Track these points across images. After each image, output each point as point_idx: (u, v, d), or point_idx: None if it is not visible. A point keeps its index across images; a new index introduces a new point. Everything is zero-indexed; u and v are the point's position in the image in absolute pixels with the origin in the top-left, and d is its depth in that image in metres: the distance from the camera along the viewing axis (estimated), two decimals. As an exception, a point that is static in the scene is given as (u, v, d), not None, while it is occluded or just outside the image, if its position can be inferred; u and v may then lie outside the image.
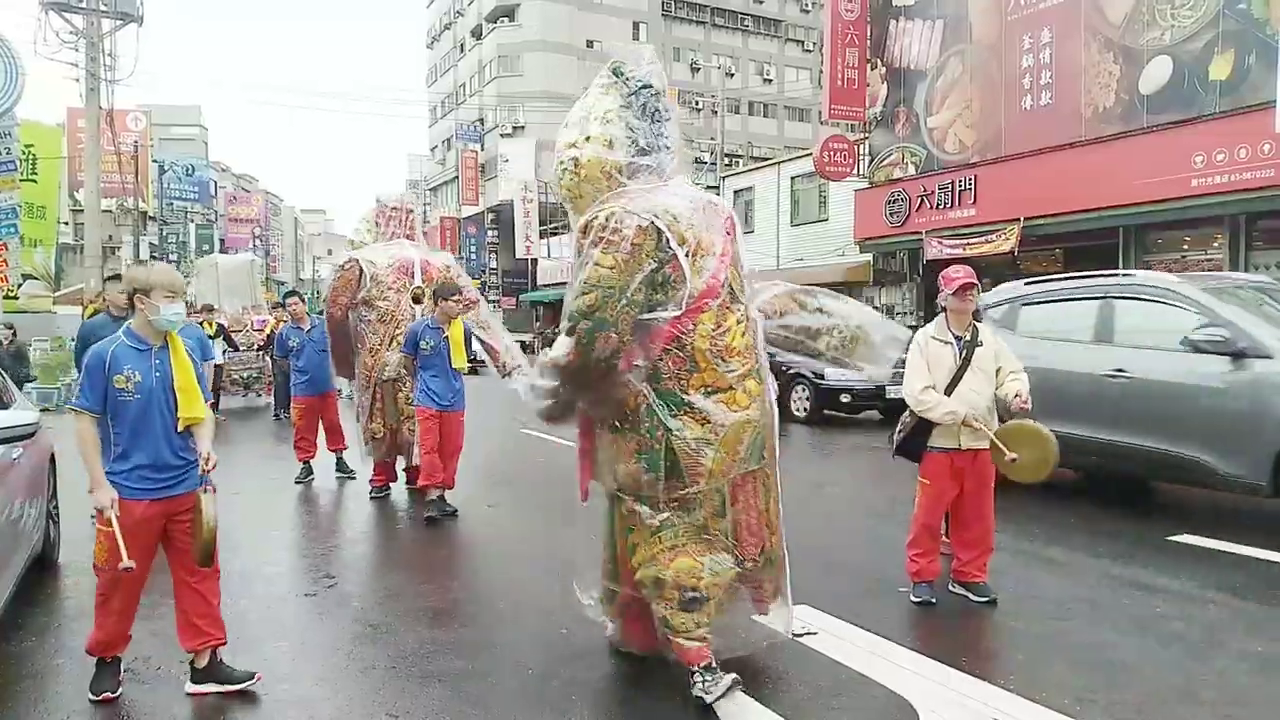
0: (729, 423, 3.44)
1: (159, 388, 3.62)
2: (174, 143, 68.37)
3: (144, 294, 3.63)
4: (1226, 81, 14.66)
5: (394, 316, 7.67)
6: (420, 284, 7.50)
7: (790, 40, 57.27)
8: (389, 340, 7.60)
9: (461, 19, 57.55)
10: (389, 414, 7.65)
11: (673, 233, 3.39)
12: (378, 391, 7.66)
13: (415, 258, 7.64)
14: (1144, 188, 15.59)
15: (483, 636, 4.33)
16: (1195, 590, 4.96)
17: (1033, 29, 17.97)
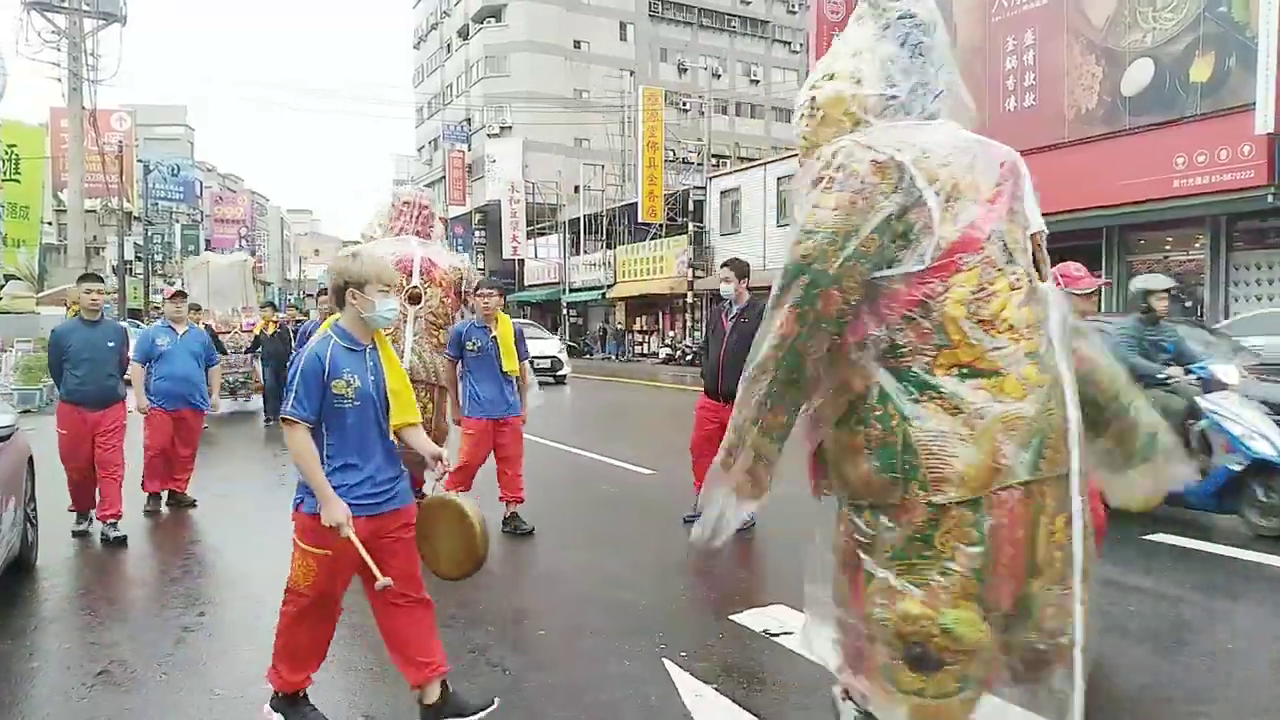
0: (990, 415, 2.49)
1: (375, 392, 3.28)
2: (159, 142, 68.08)
3: (356, 288, 3.26)
4: (1207, 84, 14.81)
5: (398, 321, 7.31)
6: (418, 283, 6.87)
7: (777, 41, 57.40)
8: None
9: (448, 19, 57.49)
10: None
11: (920, 170, 2.59)
12: None
13: (416, 255, 7.02)
14: (1126, 189, 15.73)
15: (460, 640, 4.33)
16: (1168, 589, 5.01)
17: (1016, 31, 18.10)
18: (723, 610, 4.61)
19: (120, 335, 6.57)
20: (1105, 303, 18.17)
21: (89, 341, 6.24)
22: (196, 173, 63.73)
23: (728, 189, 31.62)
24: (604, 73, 48.28)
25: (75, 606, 4.91)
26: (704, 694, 3.62)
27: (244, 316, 16.18)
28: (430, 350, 6.74)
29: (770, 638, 4.22)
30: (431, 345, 6.76)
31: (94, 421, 6.23)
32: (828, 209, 2.58)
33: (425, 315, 6.78)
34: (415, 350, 6.65)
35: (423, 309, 6.80)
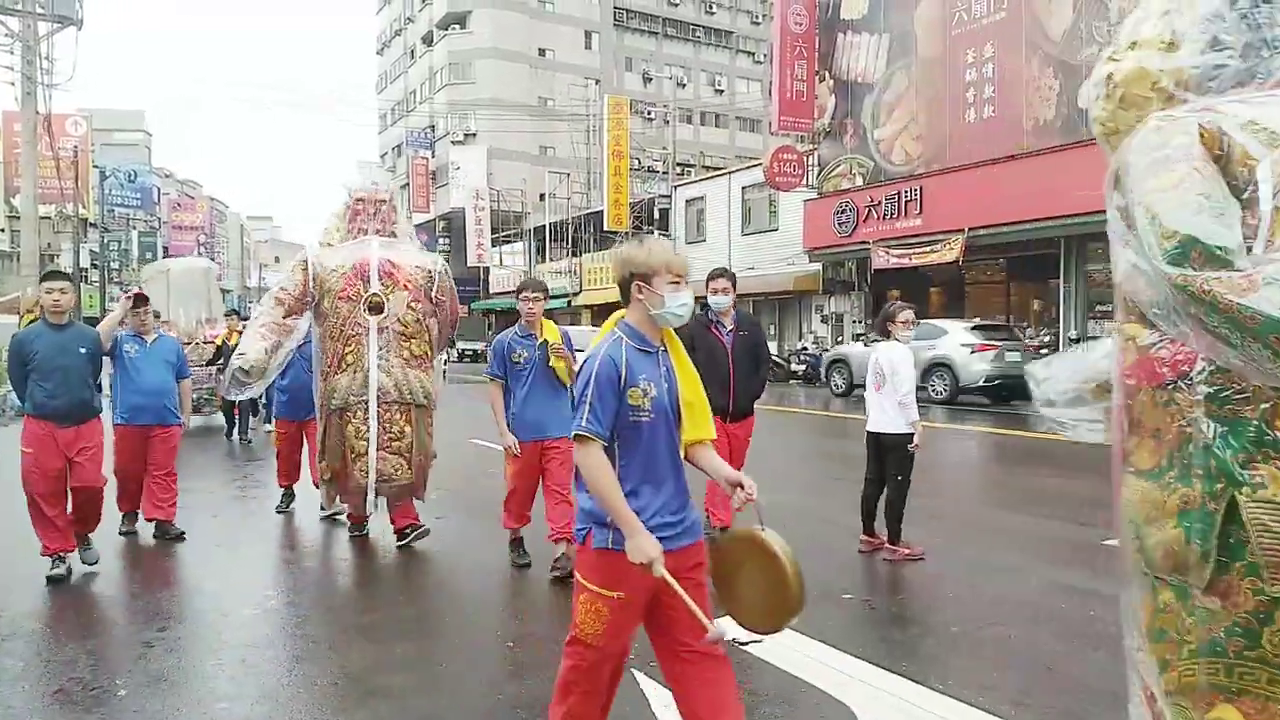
0: None
1: (669, 403, 2.79)
2: (116, 148, 66.94)
3: (643, 280, 2.76)
4: (1161, 97, 15.08)
5: (343, 332, 6.06)
6: (378, 290, 6.05)
7: (741, 51, 57.81)
8: (338, 361, 6.05)
9: (412, 25, 57.21)
10: (332, 453, 6.13)
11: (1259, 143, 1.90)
12: (327, 424, 6.15)
13: (373, 257, 6.13)
14: (1083, 199, 15.93)
15: (427, 652, 4.29)
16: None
17: (976, 44, 18.38)
18: (691, 620, 4.61)
19: (93, 340, 5.79)
20: (1062, 311, 18.49)
21: (58, 347, 5.50)
22: (154, 179, 62.83)
23: (693, 198, 31.75)
24: (569, 81, 48.30)
25: (31, 623, 4.79)
26: (673, 704, 3.60)
27: (207, 327, 15.04)
28: (401, 365, 6.09)
29: (740, 647, 4.22)
30: (403, 359, 6.10)
31: (66, 440, 5.48)
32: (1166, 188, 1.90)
33: (391, 325, 6.07)
34: (383, 366, 6.01)
35: (387, 318, 6.06)
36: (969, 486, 9.17)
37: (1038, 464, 10.38)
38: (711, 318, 6.19)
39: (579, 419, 2.66)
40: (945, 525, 6.88)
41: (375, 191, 6.74)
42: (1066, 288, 18.40)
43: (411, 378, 6.09)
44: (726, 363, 6.03)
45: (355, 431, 6.02)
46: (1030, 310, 20.35)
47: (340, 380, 6.03)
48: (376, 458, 6.01)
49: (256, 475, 9.73)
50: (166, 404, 6.64)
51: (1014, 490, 8.67)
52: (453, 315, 6.71)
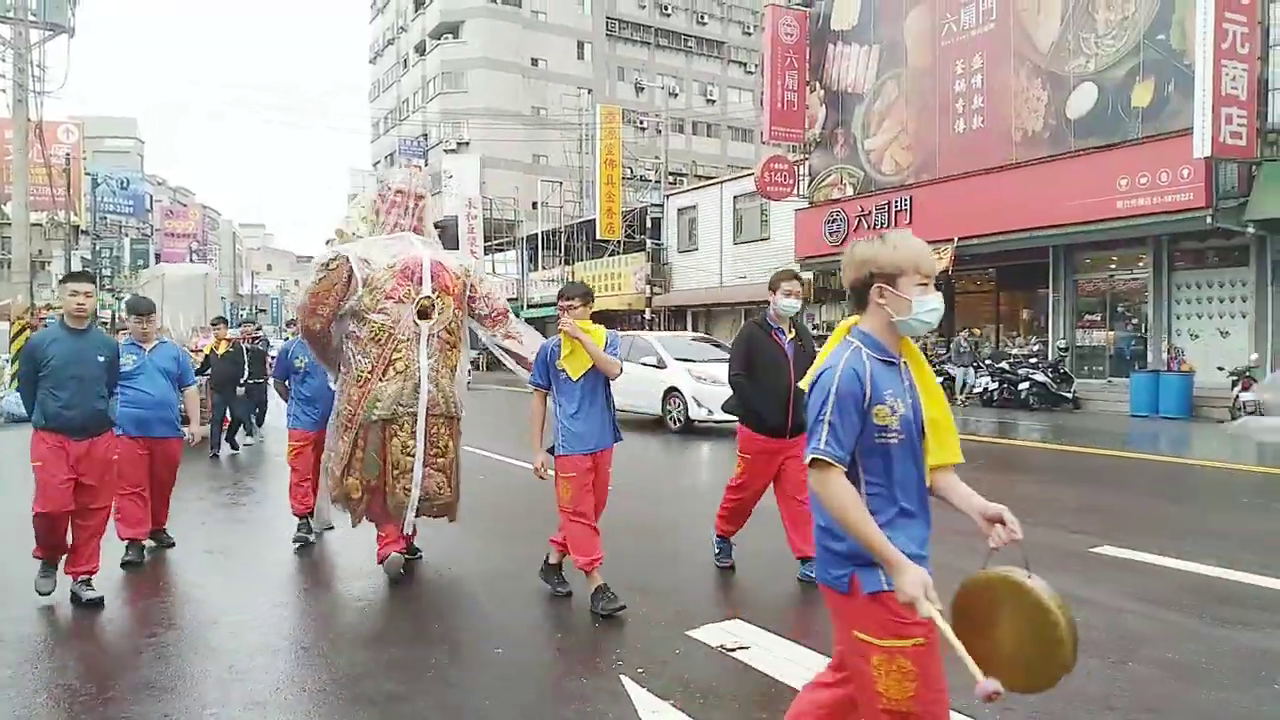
0: None
1: (914, 420, 2.44)
2: (108, 155, 66.87)
3: (886, 281, 2.40)
4: (1148, 108, 15.26)
5: (392, 336, 5.54)
6: (430, 294, 5.57)
7: (733, 62, 58.02)
8: (385, 367, 5.52)
9: (405, 35, 57.29)
10: (369, 468, 5.54)
11: None
12: (361, 436, 5.53)
13: (424, 258, 5.62)
14: (1072, 209, 16.12)
15: (415, 658, 4.30)
16: (1115, 600, 5.13)
17: (965, 55, 18.50)
18: (680, 626, 4.64)
19: (111, 349, 5.43)
20: (1051, 320, 18.59)
21: (76, 354, 5.08)
22: (147, 186, 62.68)
23: (685, 207, 31.81)
24: (562, 90, 48.42)
25: (20, 629, 4.78)
26: (661, 710, 3.63)
27: (200, 336, 14.19)
28: (448, 376, 5.70)
29: (727, 653, 4.25)
30: (448, 369, 5.71)
31: (78, 453, 5.07)
32: None
33: (439, 333, 5.63)
34: (431, 376, 5.57)
35: (436, 324, 5.59)
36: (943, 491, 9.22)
37: (1019, 472, 10.43)
38: (773, 324, 5.46)
39: (816, 441, 2.31)
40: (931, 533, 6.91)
41: (414, 185, 6.02)
42: (1055, 297, 18.51)
43: (453, 390, 5.72)
44: (788, 374, 5.31)
45: (401, 446, 5.52)
46: (1020, 319, 20.45)
47: (387, 388, 5.48)
48: (422, 475, 5.61)
49: (246, 482, 9.72)
50: (167, 416, 6.30)
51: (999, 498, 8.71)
52: (497, 313, 6.13)
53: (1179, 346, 16.30)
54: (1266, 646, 4.21)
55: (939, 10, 18.98)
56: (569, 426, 4.99)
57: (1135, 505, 8.26)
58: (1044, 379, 17.24)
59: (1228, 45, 13.46)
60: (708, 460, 11.50)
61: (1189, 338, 16.48)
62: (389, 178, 5.98)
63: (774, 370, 5.36)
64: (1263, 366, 14.55)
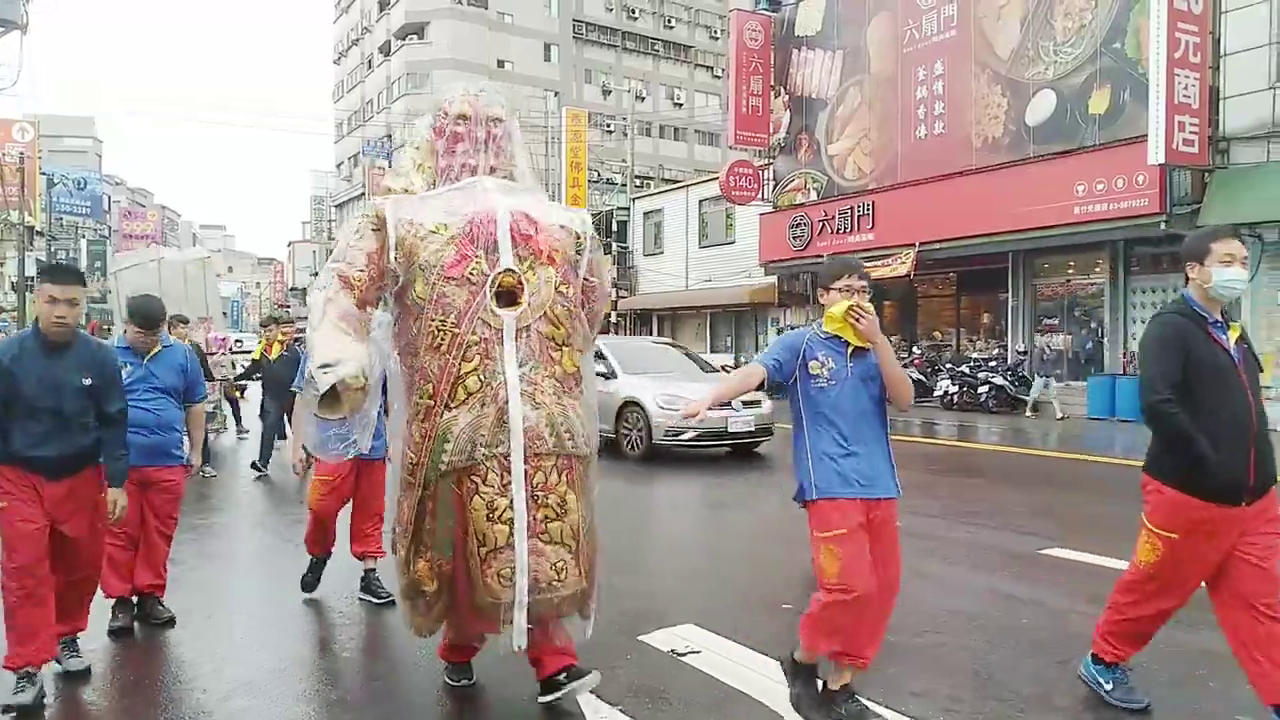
0: None
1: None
2: (65, 154, 65.74)
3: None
4: (1104, 115, 15.50)
5: (455, 338, 3.47)
6: (513, 265, 3.54)
7: (700, 66, 58.23)
8: (450, 388, 3.46)
9: (369, 35, 56.92)
10: (440, 544, 3.49)
11: None
12: (429, 496, 3.50)
13: (499, 210, 3.60)
14: (1030, 214, 16.33)
15: (361, 667, 4.26)
16: (1060, 602, 5.20)
17: (926, 62, 18.70)
18: (632, 630, 4.63)
19: (101, 365, 4.05)
20: (1010, 324, 18.82)
21: (50, 380, 3.87)
22: (104, 186, 61.69)
23: (651, 210, 31.85)
24: (528, 93, 48.31)
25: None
26: (609, 716, 3.62)
27: (204, 330, 12.53)
28: (555, 390, 3.55)
29: (678, 658, 4.25)
30: (555, 380, 3.56)
31: (56, 497, 3.89)
32: None
33: (535, 325, 3.54)
34: (528, 393, 3.45)
35: (529, 312, 3.53)
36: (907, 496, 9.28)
37: (971, 475, 10.55)
38: (1206, 315, 3.45)
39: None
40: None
41: (484, 105, 3.95)
42: (1015, 302, 18.75)
43: (570, 411, 3.57)
44: (1244, 396, 3.82)
45: (488, 508, 3.38)
46: (980, 323, 20.69)
47: (457, 420, 3.41)
48: (527, 550, 3.38)
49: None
50: (167, 442, 4.92)
51: (953, 501, 8.78)
52: (598, 303, 4.02)
53: (1134, 351, 16.57)
54: (1207, 647, 4.27)
55: (901, 17, 19.17)
56: (827, 455, 3.46)
57: (1086, 507, 8.37)
58: (1003, 382, 17.47)
59: (1180, 55, 13.71)
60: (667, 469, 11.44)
61: (1144, 342, 16.76)
62: (446, 103, 3.98)
63: (1223, 389, 3.38)
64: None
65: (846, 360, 3.49)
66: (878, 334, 3.46)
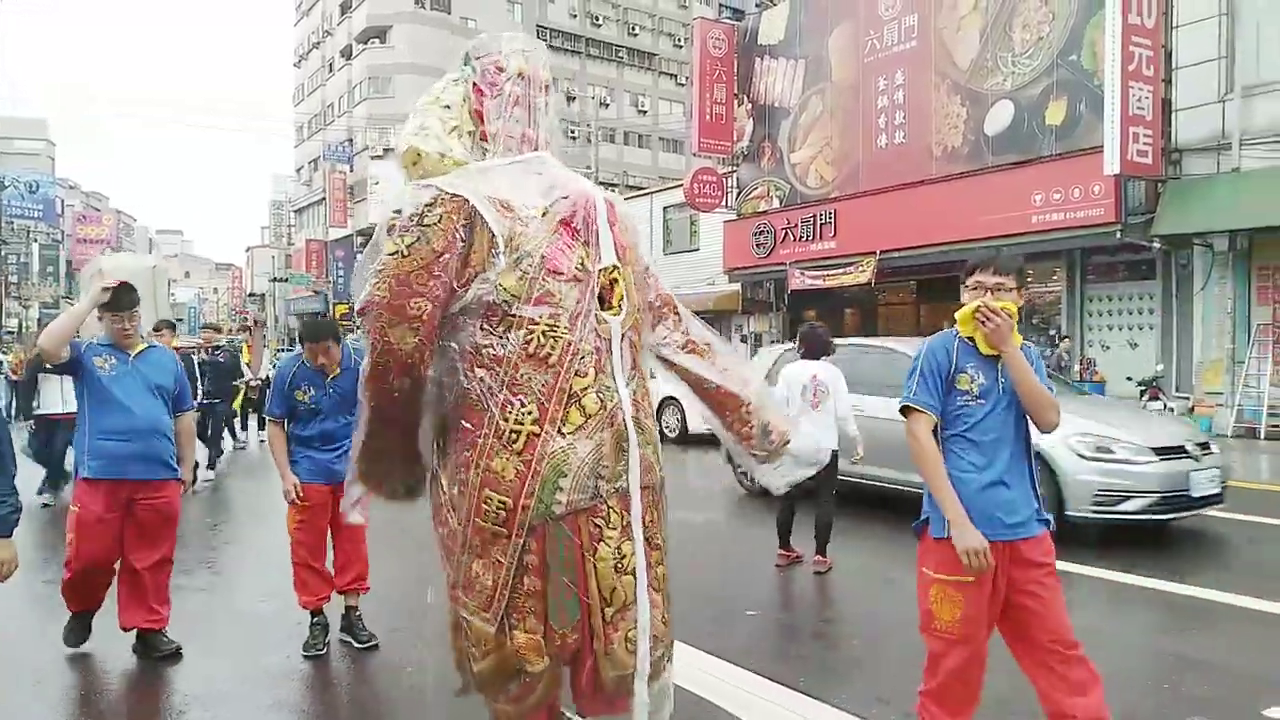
0: None
1: None
2: (16, 157, 64.36)
3: None
4: (1061, 126, 15.76)
5: (570, 347, 2.67)
6: (615, 261, 2.87)
7: (664, 74, 58.42)
8: (563, 407, 2.64)
9: (330, 39, 56.41)
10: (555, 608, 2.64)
11: None
12: (533, 549, 2.61)
13: (596, 196, 2.93)
14: (989, 223, 16.54)
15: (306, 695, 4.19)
16: (1022, 606, 5.25)
17: (887, 71, 18.89)
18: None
19: None
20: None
21: None
22: (58, 190, 60.52)
23: (614, 217, 31.88)
24: (491, 98, 48.16)
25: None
26: (574, 725, 3.58)
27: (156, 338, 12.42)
28: (650, 415, 2.93)
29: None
30: (648, 401, 2.92)
31: None
32: None
33: (629, 333, 2.86)
34: (637, 420, 2.78)
35: (627, 318, 2.86)
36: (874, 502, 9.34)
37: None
38: None
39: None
40: (852, 540, 7.00)
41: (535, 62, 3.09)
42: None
43: (656, 435, 2.97)
44: None
45: (616, 555, 2.68)
46: (940, 330, 20.91)
47: (574, 450, 2.62)
48: (649, 602, 2.76)
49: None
50: (159, 449, 4.44)
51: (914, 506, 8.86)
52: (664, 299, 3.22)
53: (1091, 357, 16.84)
54: (1176, 650, 4.34)
55: (862, 27, 19.36)
56: (972, 490, 2.99)
57: (1047, 512, 8.46)
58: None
59: (1134, 67, 13.99)
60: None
61: (1100, 349, 17.04)
62: (489, 49, 3.10)
63: None
64: (1168, 376, 15.12)
65: (999, 374, 3.02)
66: (1007, 341, 2.96)
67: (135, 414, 4.31)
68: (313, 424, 4.63)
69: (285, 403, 4.67)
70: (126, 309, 4.41)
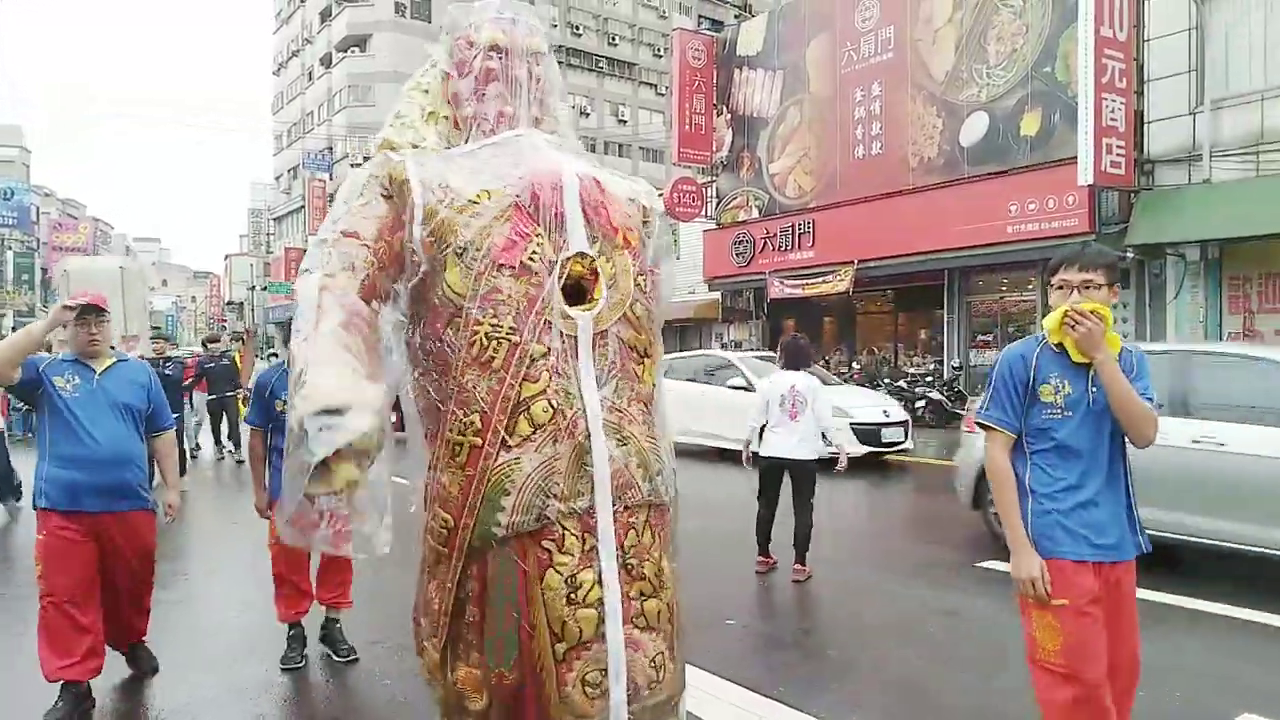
0: None
1: None
2: (-10, 164, 63.71)
3: None
4: (1036, 137, 15.95)
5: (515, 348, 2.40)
6: (586, 248, 2.52)
7: (644, 84, 58.60)
8: (509, 416, 2.38)
9: (310, 46, 56.24)
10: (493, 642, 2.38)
11: None
12: (474, 575, 2.41)
13: (565, 169, 2.56)
14: (964, 233, 16.70)
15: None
16: (995, 614, 5.32)
17: (864, 83, 19.06)
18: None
19: None
20: (946, 340, 19.20)
21: None
22: (33, 197, 59.89)
23: (594, 226, 31.94)
24: (471, 107, 48.16)
25: None
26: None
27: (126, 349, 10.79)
28: (643, 417, 2.58)
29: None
30: (641, 404, 2.58)
31: None
32: None
33: (614, 329, 2.53)
34: (611, 422, 2.47)
35: (608, 312, 2.52)
36: (852, 511, 9.42)
37: (906, 487, 10.73)
38: None
39: None
40: (829, 549, 7.06)
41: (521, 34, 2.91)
42: (950, 318, 19.13)
43: (660, 445, 2.63)
44: None
45: (568, 585, 2.36)
46: (917, 339, 21.08)
47: (519, 465, 2.37)
48: (623, 642, 2.39)
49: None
50: (123, 479, 4.01)
51: (891, 513, 8.94)
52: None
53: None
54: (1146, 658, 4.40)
55: (839, 39, 19.53)
56: (1061, 509, 2.78)
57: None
58: (939, 396, 17.80)
59: (1107, 79, 14.18)
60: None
61: (1075, 357, 17.22)
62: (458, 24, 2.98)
63: None
64: (1141, 385, 15.28)
65: (1088, 383, 2.76)
66: (1100, 347, 2.68)
67: (96, 441, 3.89)
68: None
69: (266, 412, 4.59)
70: (94, 313, 4.01)
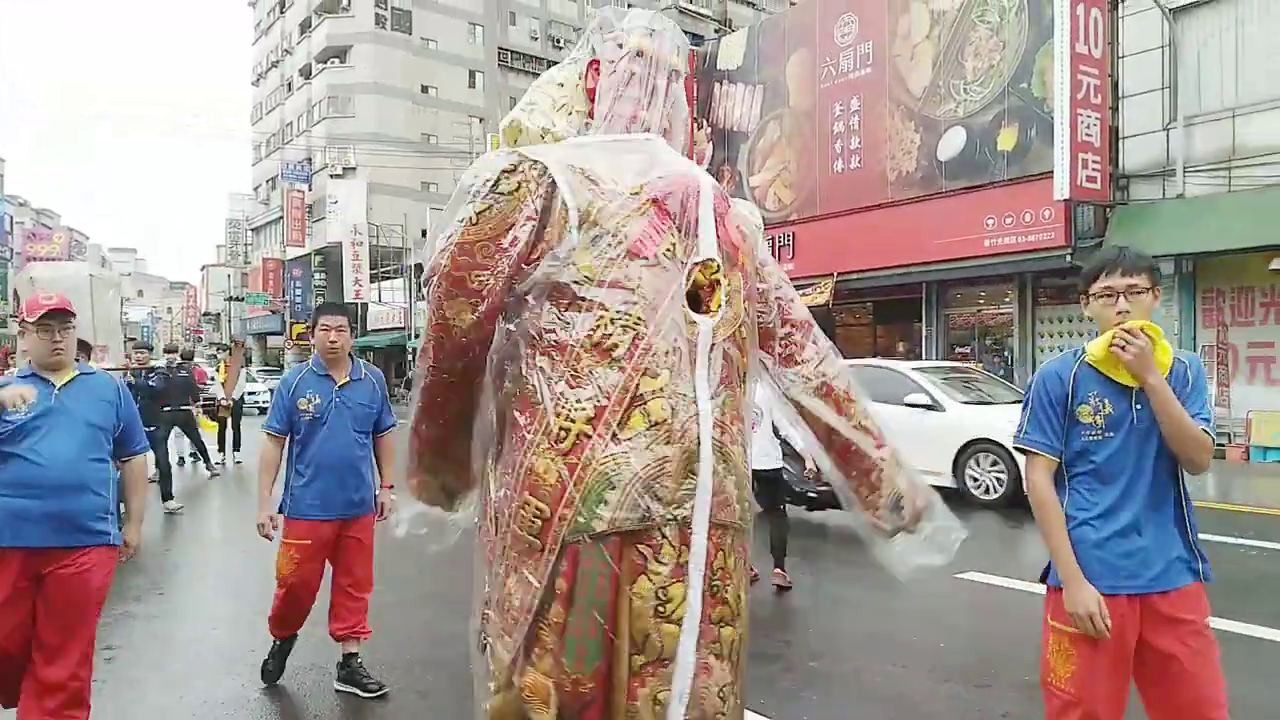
0: None
1: None
2: (-37, 174, 63.01)
3: None
4: (1012, 152, 16.13)
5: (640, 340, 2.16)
6: (714, 256, 2.30)
7: (624, 95, 58.80)
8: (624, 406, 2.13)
9: (290, 57, 56.07)
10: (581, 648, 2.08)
11: None
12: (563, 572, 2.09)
13: (704, 182, 2.38)
14: (942, 247, 16.85)
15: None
16: (976, 625, 5.34)
17: (843, 97, 19.22)
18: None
19: None
20: (924, 352, 19.32)
21: None
22: (7, 207, 59.33)
23: (574, 237, 31.99)
24: (452, 118, 48.13)
25: None
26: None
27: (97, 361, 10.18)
28: (741, 437, 2.35)
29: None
30: (741, 430, 2.36)
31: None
32: None
33: (724, 345, 2.29)
34: (719, 443, 2.23)
35: (724, 325, 2.30)
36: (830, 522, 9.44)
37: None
38: None
39: None
40: (810, 560, 7.07)
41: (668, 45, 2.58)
42: (928, 330, 19.27)
43: (746, 468, 2.41)
44: None
45: (658, 597, 2.12)
46: (896, 351, 21.20)
47: (627, 461, 2.11)
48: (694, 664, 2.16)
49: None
50: (76, 508, 3.29)
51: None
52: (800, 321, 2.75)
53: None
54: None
55: (819, 54, 19.69)
56: (1096, 537, 2.59)
57: (1000, 533, 8.62)
58: (919, 409, 17.92)
59: (1082, 95, 14.37)
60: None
61: (1051, 370, 17.38)
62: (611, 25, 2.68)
63: None
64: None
65: (1132, 401, 2.55)
66: (1152, 369, 2.48)
67: (47, 463, 3.22)
68: (315, 439, 4.23)
69: (286, 415, 4.29)
70: (58, 318, 3.38)
